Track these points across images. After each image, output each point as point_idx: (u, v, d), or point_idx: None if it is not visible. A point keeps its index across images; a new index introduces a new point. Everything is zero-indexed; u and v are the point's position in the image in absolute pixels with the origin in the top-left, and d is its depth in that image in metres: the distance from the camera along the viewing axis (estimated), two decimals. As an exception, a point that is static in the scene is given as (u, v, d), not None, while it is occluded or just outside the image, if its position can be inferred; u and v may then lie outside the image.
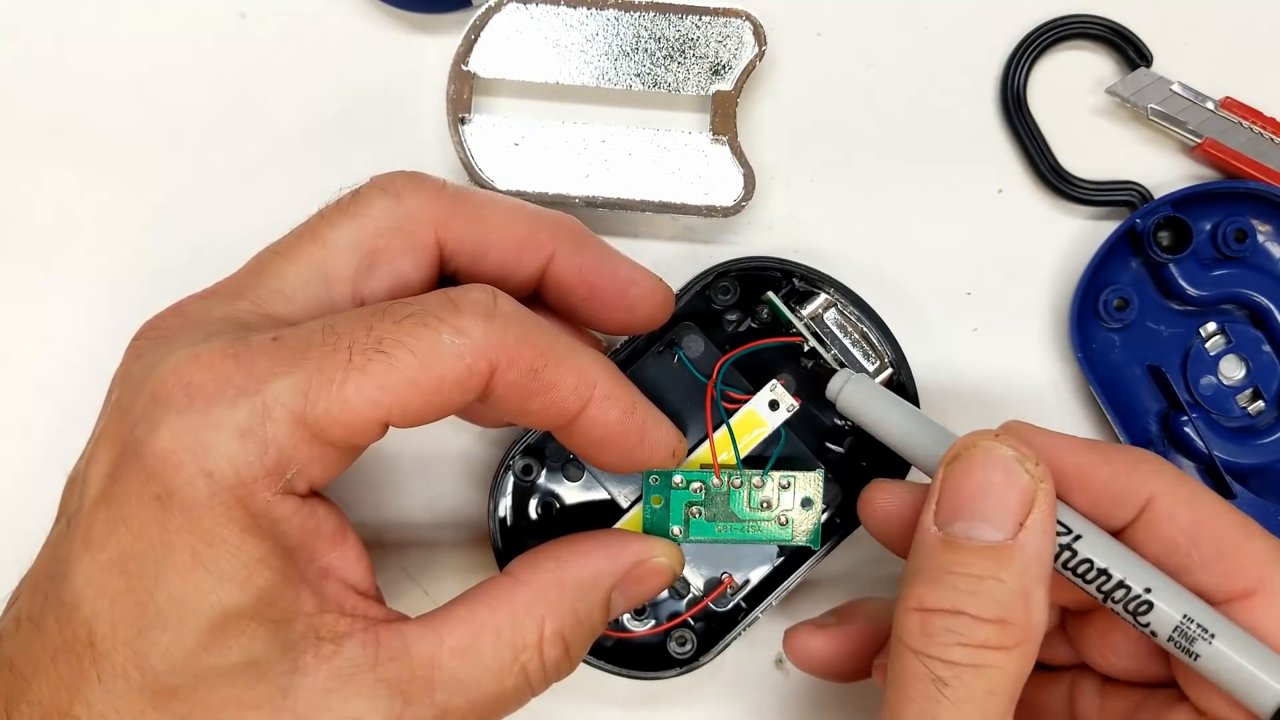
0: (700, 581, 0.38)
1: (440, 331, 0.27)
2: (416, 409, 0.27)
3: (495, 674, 0.28)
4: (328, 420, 0.26)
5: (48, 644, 0.26)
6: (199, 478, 0.26)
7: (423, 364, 0.27)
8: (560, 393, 0.29)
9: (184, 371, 0.27)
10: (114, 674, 0.26)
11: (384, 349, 0.27)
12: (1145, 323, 0.42)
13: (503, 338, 0.28)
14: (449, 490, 0.41)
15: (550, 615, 0.29)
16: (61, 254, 0.41)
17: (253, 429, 0.26)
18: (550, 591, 0.30)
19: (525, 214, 0.33)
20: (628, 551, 0.32)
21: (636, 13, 0.40)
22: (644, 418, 0.31)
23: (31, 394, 0.41)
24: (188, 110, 0.41)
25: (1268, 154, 0.41)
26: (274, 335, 0.27)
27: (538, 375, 0.29)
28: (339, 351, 0.27)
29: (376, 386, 0.26)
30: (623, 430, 0.30)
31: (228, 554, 0.26)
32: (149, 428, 0.26)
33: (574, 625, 0.30)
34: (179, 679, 0.26)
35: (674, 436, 0.32)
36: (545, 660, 0.29)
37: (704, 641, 0.37)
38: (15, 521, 0.30)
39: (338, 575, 0.28)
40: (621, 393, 0.30)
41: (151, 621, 0.26)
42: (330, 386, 0.26)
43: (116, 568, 0.26)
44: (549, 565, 0.31)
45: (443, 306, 0.28)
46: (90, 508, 0.27)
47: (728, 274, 0.38)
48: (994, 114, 0.43)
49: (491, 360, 0.28)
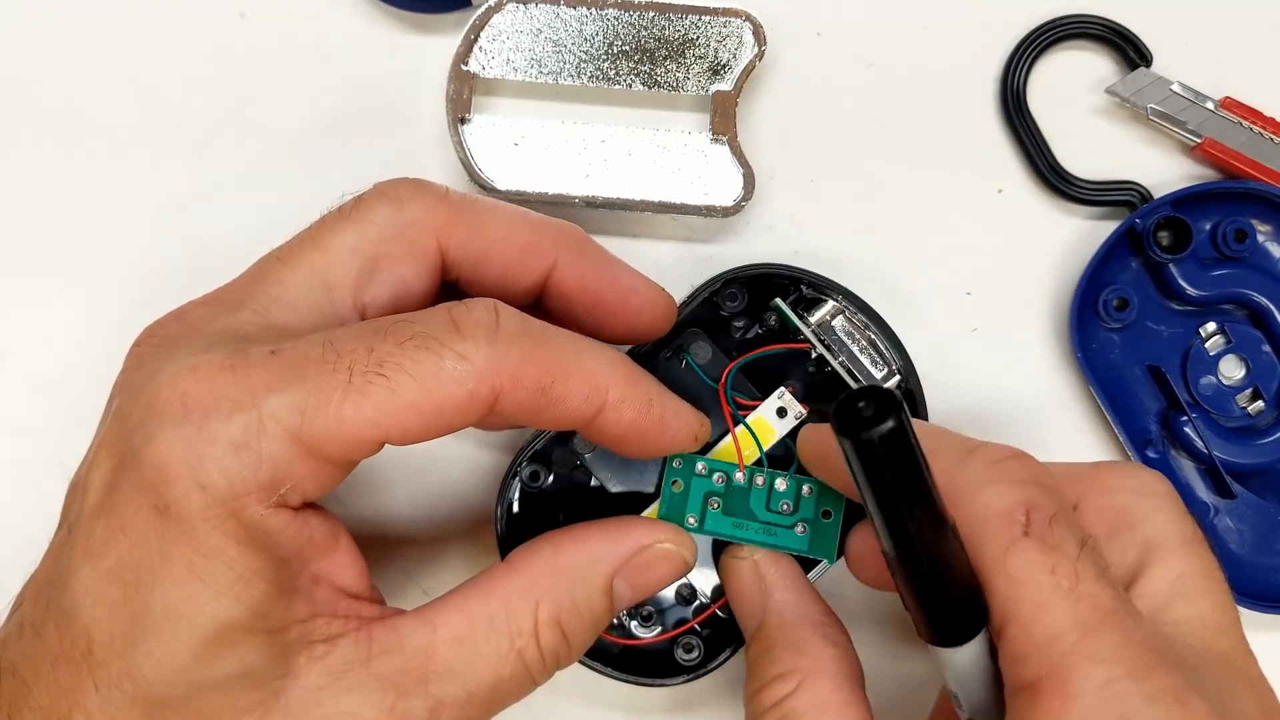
0: (708, 589, 0.38)
1: (442, 356, 0.27)
2: (416, 431, 0.27)
3: (491, 662, 0.28)
4: (324, 438, 0.26)
5: (48, 651, 0.26)
6: (194, 490, 0.26)
7: (423, 389, 0.27)
8: (571, 404, 0.29)
9: (181, 383, 0.26)
10: (109, 683, 0.26)
11: (384, 372, 0.26)
12: (1145, 323, 0.42)
13: (505, 361, 0.27)
14: (452, 491, 0.41)
15: (545, 600, 0.29)
16: (61, 254, 0.41)
17: (247, 443, 0.26)
18: (544, 577, 0.30)
19: (527, 221, 0.33)
20: (629, 537, 0.31)
21: (636, 13, 0.40)
22: (660, 411, 0.31)
23: (31, 394, 0.41)
24: (188, 110, 0.41)
25: (1268, 154, 0.41)
26: (273, 348, 0.27)
27: (546, 392, 0.28)
28: (339, 371, 0.26)
29: (375, 409, 0.26)
30: (641, 427, 0.30)
31: (223, 566, 0.26)
32: (146, 438, 0.26)
33: (571, 611, 0.30)
34: (172, 690, 0.26)
35: (694, 421, 0.32)
36: (542, 647, 0.29)
37: (711, 649, 0.37)
38: (15, 522, 0.30)
39: (330, 580, 0.28)
40: (635, 392, 0.30)
41: (146, 632, 0.26)
42: (328, 406, 0.26)
43: (115, 577, 0.26)
44: (545, 551, 0.30)
45: (445, 329, 0.27)
46: (90, 516, 0.27)
47: (736, 280, 0.37)
48: (994, 114, 0.42)
49: (495, 385, 0.27)
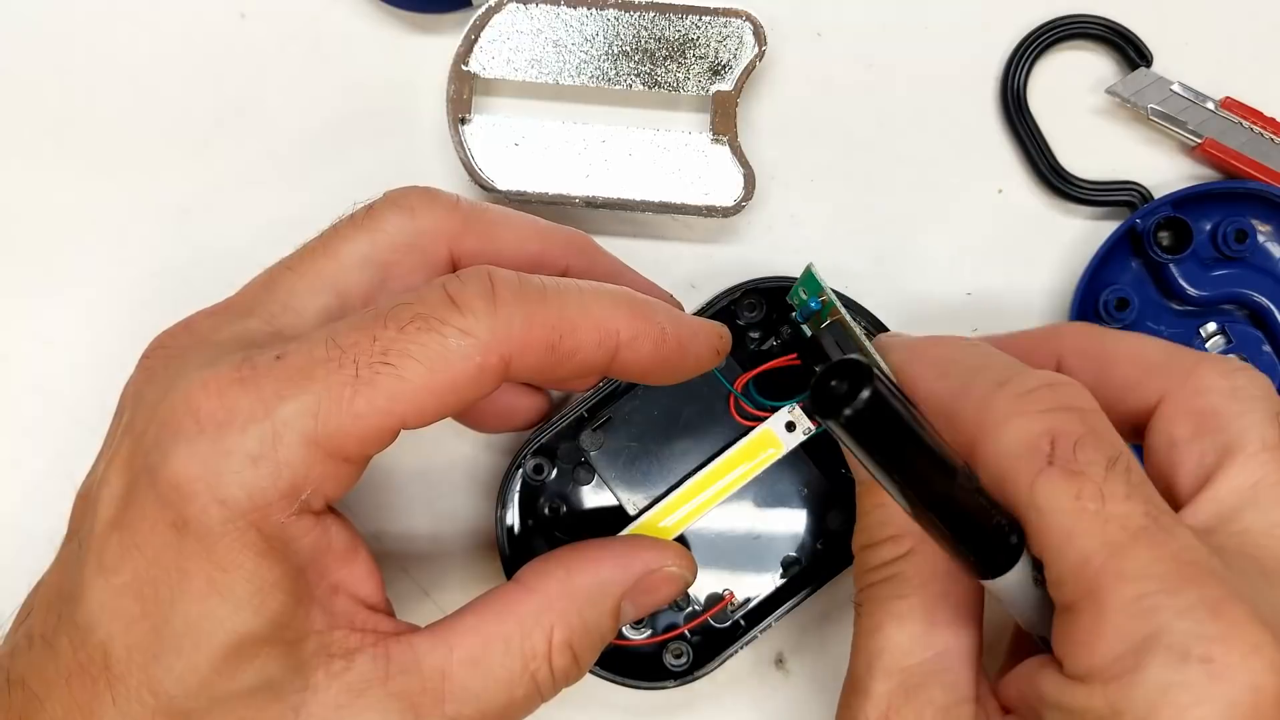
0: (701, 595, 0.38)
1: (445, 335, 0.27)
2: (433, 411, 0.27)
3: (505, 684, 0.28)
4: (340, 437, 0.26)
5: (61, 665, 0.26)
6: (212, 505, 0.26)
7: (432, 370, 0.26)
8: (585, 354, 0.29)
9: (194, 399, 0.26)
10: (128, 697, 0.26)
11: (390, 360, 0.26)
12: (1145, 323, 0.42)
13: (509, 328, 0.27)
14: (454, 496, 0.41)
15: (559, 624, 0.29)
16: (62, 256, 0.41)
17: (264, 454, 0.26)
18: (559, 600, 0.30)
19: (538, 230, 0.33)
20: (639, 561, 0.32)
21: (636, 13, 0.40)
22: (677, 337, 0.30)
23: (31, 395, 0.41)
24: (188, 110, 0.41)
25: (1268, 154, 0.41)
26: (278, 353, 0.27)
27: (555, 348, 0.28)
28: (345, 367, 0.26)
29: (387, 398, 0.26)
30: (661, 358, 0.30)
31: (242, 579, 0.26)
32: (161, 456, 0.26)
33: (583, 634, 0.30)
34: (193, 703, 0.26)
35: (714, 335, 0.31)
36: (554, 669, 0.29)
37: (699, 655, 0.37)
38: (17, 524, 0.30)
39: (348, 591, 0.28)
40: (647, 326, 0.29)
41: (166, 647, 0.26)
42: (339, 405, 0.26)
43: (131, 592, 0.26)
44: (558, 574, 0.30)
45: (444, 306, 0.27)
46: (103, 531, 0.27)
47: (756, 290, 0.37)
48: (994, 114, 0.42)
49: (503, 354, 0.27)
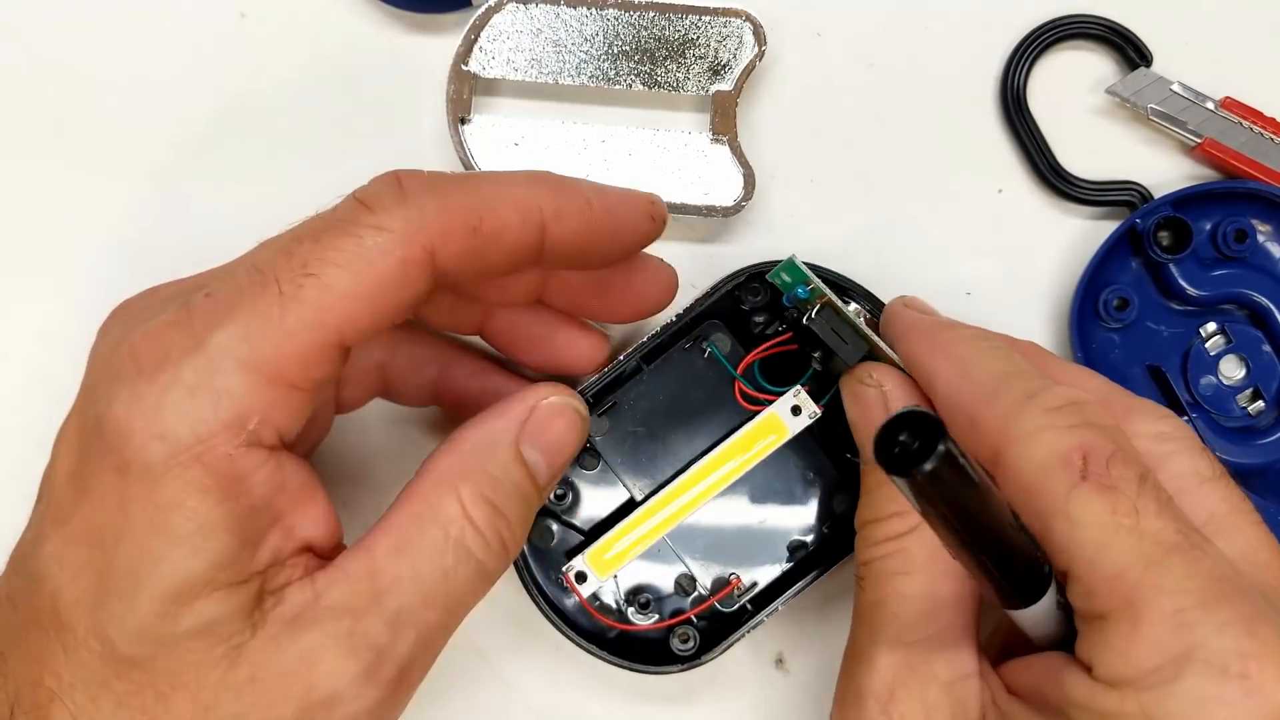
0: (708, 580, 0.38)
1: (361, 235, 0.27)
2: (368, 320, 0.27)
3: (433, 557, 0.28)
4: (278, 359, 0.26)
5: (20, 618, 0.27)
6: (152, 441, 0.26)
7: (355, 273, 0.26)
8: (511, 234, 0.28)
9: (136, 347, 0.27)
10: (77, 645, 0.26)
11: (310, 270, 0.26)
12: (1145, 323, 0.42)
13: (423, 216, 0.27)
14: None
15: (463, 483, 0.29)
16: (60, 253, 0.41)
17: (200, 384, 0.26)
18: (456, 464, 0.30)
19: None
20: (518, 404, 0.32)
21: (636, 13, 0.40)
22: (604, 205, 0.30)
23: (31, 395, 0.41)
24: (188, 110, 0.41)
25: (1268, 154, 0.41)
26: (207, 291, 0.27)
27: (478, 232, 0.28)
28: (268, 287, 0.26)
29: (316, 310, 0.26)
30: (591, 229, 0.30)
31: (182, 518, 0.26)
32: (107, 404, 0.26)
33: (492, 485, 0.29)
34: (137, 648, 0.26)
35: (643, 199, 0.31)
36: (479, 525, 0.29)
37: (706, 640, 0.37)
38: (7, 517, 0.30)
39: (300, 534, 0.28)
40: (570, 197, 0.29)
41: (110, 592, 0.26)
42: (269, 325, 0.26)
43: (80, 540, 0.26)
44: (445, 446, 0.30)
45: (355, 210, 0.27)
46: (61, 485, 0.27)
47: (760, 275, 0.37)
48: (994, 114, 0.42)
49: (424, 244, 0.27)
